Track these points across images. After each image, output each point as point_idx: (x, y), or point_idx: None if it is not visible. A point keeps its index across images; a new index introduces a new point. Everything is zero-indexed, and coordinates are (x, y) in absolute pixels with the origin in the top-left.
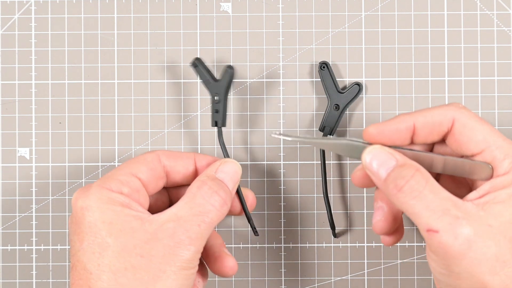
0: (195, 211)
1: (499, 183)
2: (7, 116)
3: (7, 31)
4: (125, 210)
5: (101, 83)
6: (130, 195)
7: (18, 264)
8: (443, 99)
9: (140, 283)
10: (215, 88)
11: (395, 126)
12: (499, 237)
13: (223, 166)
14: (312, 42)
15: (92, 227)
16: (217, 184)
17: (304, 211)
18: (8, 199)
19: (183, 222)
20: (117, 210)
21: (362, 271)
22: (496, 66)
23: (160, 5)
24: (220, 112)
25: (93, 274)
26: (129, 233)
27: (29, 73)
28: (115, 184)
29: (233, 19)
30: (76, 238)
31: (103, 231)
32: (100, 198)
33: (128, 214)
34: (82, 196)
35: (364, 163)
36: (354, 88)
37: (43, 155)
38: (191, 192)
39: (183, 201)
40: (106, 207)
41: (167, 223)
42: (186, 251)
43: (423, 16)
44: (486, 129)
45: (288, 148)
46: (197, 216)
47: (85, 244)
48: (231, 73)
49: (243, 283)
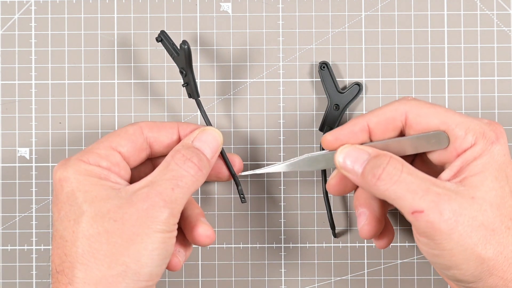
0: (169, 175)
1: (469, 156)
2: (7, 116)
3: (7, 31)
4: (102, 181)
5: (101, 83)
6: (109, 168)
7: (18, 264)
8: (443, 99)
9: (114, 247)
10: (180, 62)
11: (349, 130)
12: (484, 206)
13: (201, 134)
14: (312, 42)
15: (70, 196)
16: (192, 151)
17: (304, 211)
18: (8, 199)
19: (156, 186)
20: (94, 180)
21: (362, 271)
22: (496, 66)
23: (160, 5)
24: (190, 85)
25: (68, 241)
26: (104, 199)
27: (29, 73)
28: (93, 157)
29: (233, 19)
30: (55, 209)
31: (79, 199)
32: (78, 170)
33: (104, 184)
34: (61, 168)
35: (338, 165)
36: (354, 88)
37: (43, 155)
38: (166, 161)
39: (158, 169)
40: (83, 178)
41: (141, 189)
42: (160, 213)
43: (423, 16)
44: (441, 112)
45: (288, 148)
46: (170, 180)
47: (62, 213)
48: (186, 50)
49: (243, 283)
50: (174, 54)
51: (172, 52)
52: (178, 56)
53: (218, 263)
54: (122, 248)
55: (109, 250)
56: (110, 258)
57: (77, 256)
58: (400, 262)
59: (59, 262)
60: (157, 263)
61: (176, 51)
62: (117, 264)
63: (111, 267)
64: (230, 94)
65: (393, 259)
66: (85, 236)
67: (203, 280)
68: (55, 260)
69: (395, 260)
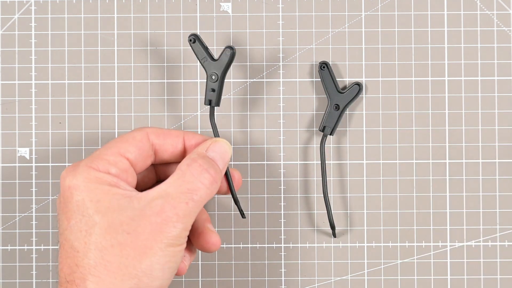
0: (184, 188)
1: None
2: (7, 116)
3: (7, 31)
4: (113, 189)
5: (101, 83)
6: (118, 175)
7: (18, 264)
8: (443, 99)
9: (127, 260)
10: (213, 67)
11: None
12: None
13: (214, 145)
14: (312, 42)
15: (80, 205)
16: (208, 162)
17: (304, 211)
18: (8, 199)
19: (171, 199)
20: (105, 189)
21: (362, 271)
22: (496, 66)
23: (160, 5)
24: (216, 91)
25: (80, 252)
26: (116, 210)
27: (29, 73)
28: (102, 164)
29: (233, 19)
30: (64, 217)
31: (90, 209)
32: (88, 178)
33: (116, 192)
34: (70, 175)
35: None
36: (354, 88)
37: (43, 155)
38: (181, 169)
39: (173, 178)
40: (94, 186)
41: (155, 200)
42: (173, 228)
43: (423, 16)
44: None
45: (288, 148)
46: (185, 193)
47: (72, 222)
48: (232, 54)
49: (243, 283)
50: (207, 58)
51: (205, 55)
52: (214, 60)
53: (218, 263)
54: (135, 261)
55: (122, 263)
56: (123, 271)
57: (89, 267)
58: (400, 262)
59: (69, 272)
60: (167, 276)
61: (210, 55)
62: (130, 277)
63: (124, 280)
64: (230, 94)
65: (393, 259)
66: (97, 248)
67: (203, 280)
68: (64, 269)
69: (395, 260)
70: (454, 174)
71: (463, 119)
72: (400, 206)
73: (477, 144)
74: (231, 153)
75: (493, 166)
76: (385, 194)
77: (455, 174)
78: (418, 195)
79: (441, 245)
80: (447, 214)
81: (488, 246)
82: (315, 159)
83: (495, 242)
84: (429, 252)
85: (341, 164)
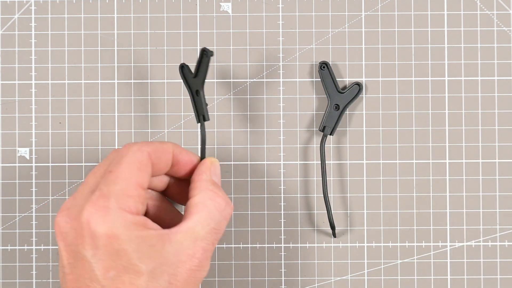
0: (210, 227)
1: None
2: (7, 116)
3: (7, 31)
4: (147, 232)
5: (101, 83)
6: (143, 211)
7: (18, 264)
8: (443, 99)
9: None
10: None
11: None
12: None
13: (215, 169)
14: (312, 42)
15: (122, 256)
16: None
17: (304, 211)
18: (8, 199)
19: (200, 241)
20: (144, 235)
21: (362, 271)
22: (496, 66)
23: (160, 5)
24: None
25: None
26: (156, 257)
27: (29, 73)
28: (132, 203)
29: (233, 19)
30: (101, 266)
31: (134, 260)
32: (126, 226)
33: (149, 235)
34: (103, 221)
35: None
36: (354, 88)
37: (43, 155)
38: (205, 204)
39: (199, 215)
40: (134, 235)
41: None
42: (204, 272)
43: (423, 16)
44: None
45: (288, 148)
46: (212, 234)
47: (112, 273)
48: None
49: (243, 283)
50: (191, 76)
51: (188, 77)
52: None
53: (218, 263)
54: None
55: None
56: None
57: None
58: (400, 262)
59: None
60: None
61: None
62: None
63: None
64: (230, 94)
65: (393, 259)
66: None
67: (203, 280)
68: None
69: (395, 260)
70: (454, 174)
71: (463, 119)
72: (400, 206)
73: (477, 144)
74: None
75: (493, 166)
76: (385, 194)
77: (455, 174)
78: (418, 195)
79: (441, 245)
80: (447, 214)
81: (488, 246)
82: (315, 159)
83: (495, 242)
84: (429, 252)
85: (341, 164)
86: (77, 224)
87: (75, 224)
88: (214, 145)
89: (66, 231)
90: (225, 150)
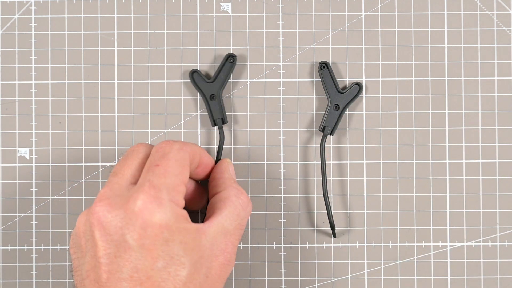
0: (237, 223)
1: None
2: (7, 116)
3: (7, 31)
4: (189, 226)
5: (101, 83)
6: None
7: (18, 264)
8: (443, 99)
9: None
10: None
11: None
12: None
13: (232, 168)
14: (312, 42)
15: (172, 247)
16: (245, 192)
17: (304, 211)
18: (8, 199)
19: (229, 236)
20: (188, 227)
21: (362, 271)
22: (496, 66)
23: (160, 5)
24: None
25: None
26: (196, 250)
27: (29, 73)
28: (180, 198)
29: (233, 19)
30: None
31: (180, 251)
32: (176, 217)
33: (190, 229)
34: (158, 211)
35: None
36: (354, 88)
37: (43, 155)
38: (231, 201)
39: (227, 210)
40: (182, 227)
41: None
42: (231, 268)
43: (423, 16)
44: None
45: (288, 148)
46: (238, 229)
47: (160, 263)
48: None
49: (243, 283)
50: (206, 80)
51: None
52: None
53: None
54: None
55: None
56: None
57: None
58: (400, 262)
59: None
60: None
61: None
62: None
63: None
64: (230, 94)
65: (393, 259)
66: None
67: None
68: None
69: (395, 260)
70: (454, 174)
71: (463, 119)
72: (400, 206)
73: (477, 144)
74: None
75: (493, 166)
76: (385, 194)
77: (455, 174)
78: (418, 195)
79: (441, 245)
80: (447, 214)
81: (488, 246)
82: (315, 159)
83: (495, 242)
84: (429, 252)
85: (341, 164)
86: (124, 213)
87: (121, 213)
88: (215, 145)
89: (109, 221)
90: (225, 150)
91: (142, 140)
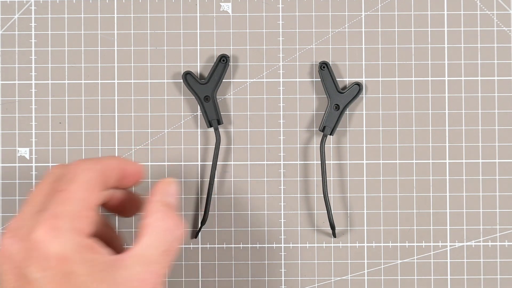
0: (161, 250)
1: None
2: (7, 116)
3: (7, 31)
4: (102, 257)
5: (101, 83)
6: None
7: None
8: (443, 99)
9: None
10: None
11: None
12: None
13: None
14: (312, 42)
15: (72, 279)
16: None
17: (304, 211)
18: (8, 199)
19: (152, 265)
20: (96, 259)
21: (362, 271)
22: (496, 66)
23: (160, 5)
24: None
25: None
26: (110, 282)
27: (29, 73)
28: (85, 224)
29: (233, 19)
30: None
31: (86, 284)
32: (78, 248)
33: (103, 260)
34: (54, 242)
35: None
36: (354, 88)
37: (43, 155)
38: (154, 227)
39: (148, 237)
40: (86, 258)
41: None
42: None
43: (423, 16)
44: None
45: (288, 148)
46: (163, 256)
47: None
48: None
49: (243, 283)
50: (200, 82)
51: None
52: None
53: (218, 263)
54: None
55: None
56: None
57: None
58: (400, 262)
59: None
60: None
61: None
62: None
63: None
64: (230, 94)
65: (393, 259)
66: None
67: (203, 280)
68: None
69: (395, 260)
70: (454, 174)
71: (463, 119)
72: (400, 206)
73: (477, 144)
74: None
75: (493, 166)
76: (385, 194)
77: (455, 174)
78: (418, 195)
79: (441, 245)
80: (447, 214)
81: (488, 246)
82: (315, 159)
83: (495, 242)
84: (429, 252)
85: (341, 164)
86: (26, 245)
87: (24, 245)
88: (214, 145)
89: (14, 253)
90: (225, 150)
91: (142, 140)
